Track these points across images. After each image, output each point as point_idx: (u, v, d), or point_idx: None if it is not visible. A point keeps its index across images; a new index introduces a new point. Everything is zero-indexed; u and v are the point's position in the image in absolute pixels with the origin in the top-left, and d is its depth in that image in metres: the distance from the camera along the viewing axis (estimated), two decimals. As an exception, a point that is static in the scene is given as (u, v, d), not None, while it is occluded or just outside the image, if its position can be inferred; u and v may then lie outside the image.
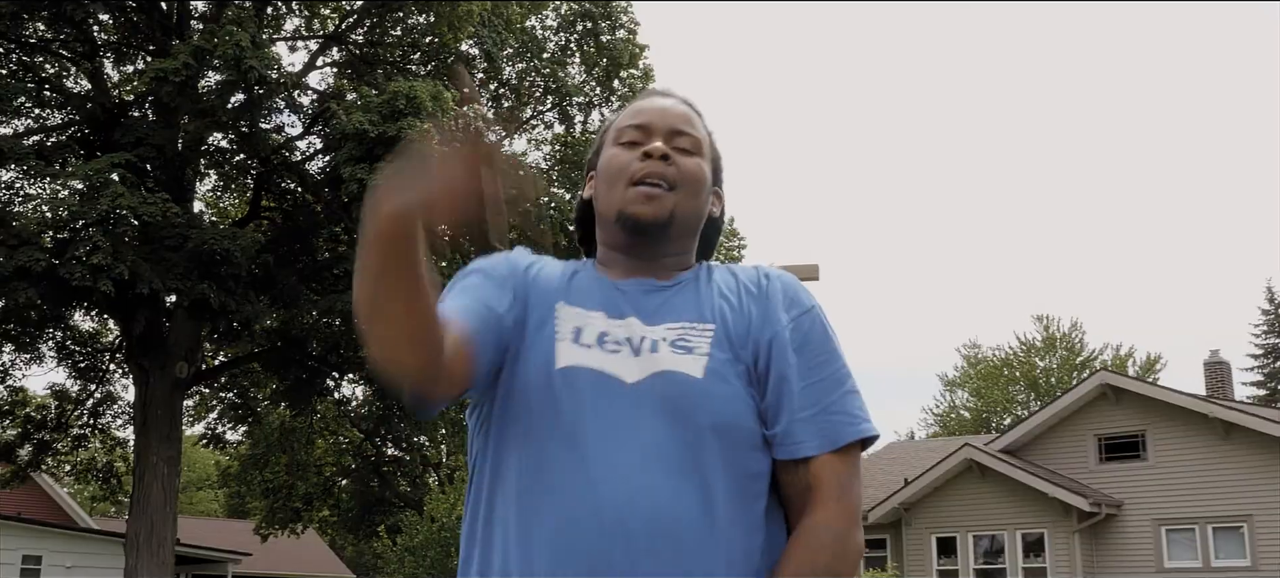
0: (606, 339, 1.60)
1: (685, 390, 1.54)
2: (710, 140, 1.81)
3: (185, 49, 15.88)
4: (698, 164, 1.73)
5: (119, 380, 23.51)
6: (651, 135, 1.71)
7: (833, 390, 1.60)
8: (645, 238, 1.68)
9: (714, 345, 1.59)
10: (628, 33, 21.10)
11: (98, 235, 15.04)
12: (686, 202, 1.69)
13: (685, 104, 1.81)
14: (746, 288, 1.69)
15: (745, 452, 1.56)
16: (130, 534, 18.47)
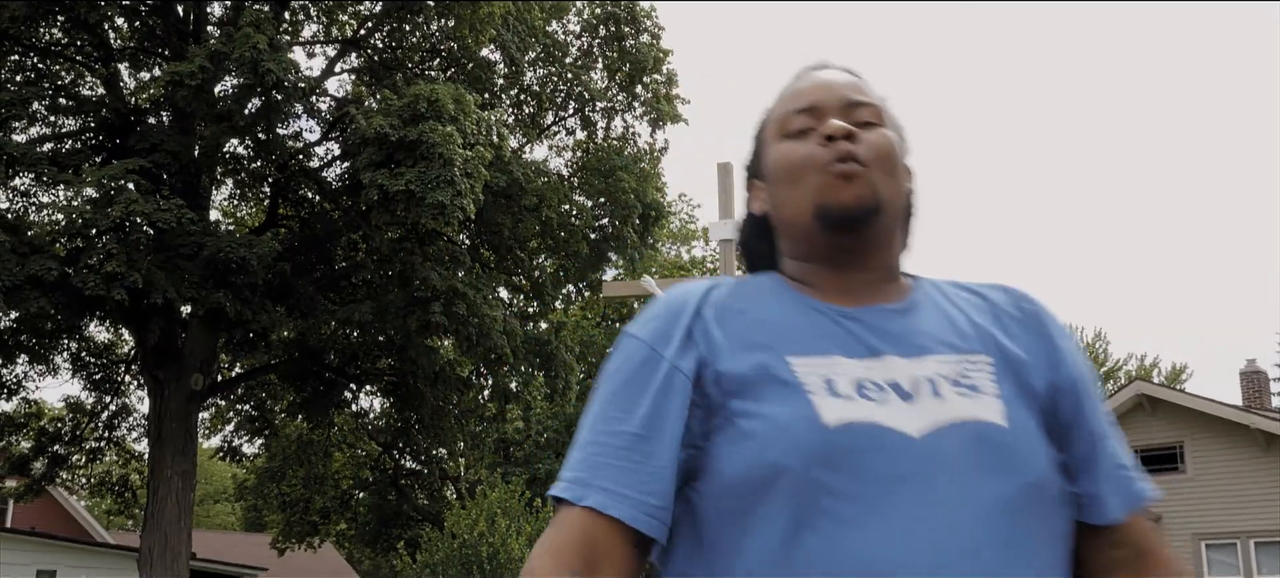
0: (866, 387, 1.25)
1: (996, 445, 1.23)
2: (890, 111, 1.47)
3: (201, 52, 15.55)
4: (886, 135, 1.40)
5: (134, 393, 23.29)
6: (824, 115, 1.40)
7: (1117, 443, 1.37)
8: (854, 234, 1.35)
9: (999, 383, 1.29)
10: (651, 37, 20.70)
11: (111, 243, 14.72)
12: (887, 182, 1.37)
13: (850, 73, 1.49)
14: (1004, 310, 1.40)
15: (1059, 516, 1.27)
16: (144, 549, 18.16)
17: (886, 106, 1.46)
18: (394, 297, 17.88)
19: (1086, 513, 1.30)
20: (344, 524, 34.67)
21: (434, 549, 19.62)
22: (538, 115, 21.22)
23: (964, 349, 1.31)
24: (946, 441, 1.21)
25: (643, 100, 21.32)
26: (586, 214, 21.07)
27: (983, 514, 1.18)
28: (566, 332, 22.21)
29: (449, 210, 14.54)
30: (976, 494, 1.19)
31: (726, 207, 11.39)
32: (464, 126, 15.09)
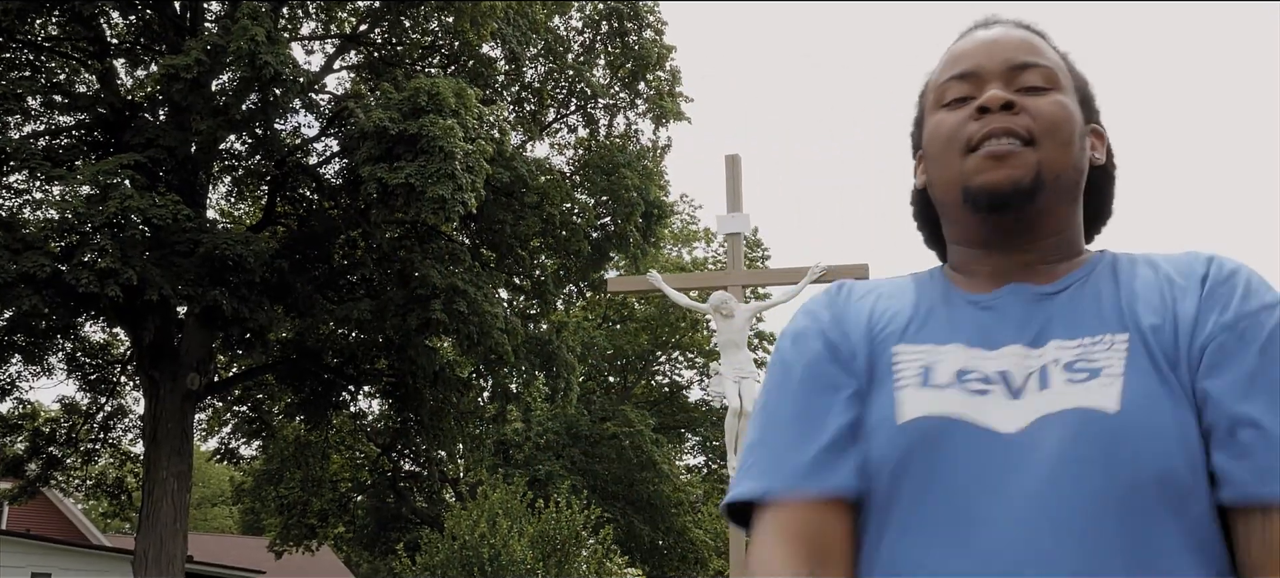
0: (968, 376, 1.16)
1: (1096, 434, 1.08)
2: (1067, 64, 1.32)
3: (198, 45, 15.29)
4: (1057, 101, 1.25)
5: (130, 393, 23.08)
6: (984, 82, 1.26)
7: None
8: (1008, 215, 1.23)
9: (1130, 363, 1.12)
10: (655, 33, 20.45)
11: (106, 239, 14.45)
12: (1054, 155, 1.22)
13: (1021, 28, 1.32)
14: (1170, 278, 1.21)
15: (1198, 512, 1.07)
16: (139, 552, 17.95)
17: (1064, 66, 1.31)
18: (393, 295, 17.62)
19: (1220, 491, 1.08)
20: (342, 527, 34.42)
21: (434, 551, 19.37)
22: (539, 112, 20.97)
23: (1100, 331, 1.16)
24: (1043, 435, 1.09)
25: (645, 97, 21.07)
26: (589, 212, 20.82)
27: (1066, 516, 1.05)
28: (567, 332, 21.93)
29: (450, 205, 14.26)
30: (1063, 494, 1.06)
31: (735, 199, 11.10)
32: (465, 121, 14.83)
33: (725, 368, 10.53)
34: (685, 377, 41.42)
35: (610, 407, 34.86)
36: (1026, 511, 1.07)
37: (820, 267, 10.67)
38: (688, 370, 41.01)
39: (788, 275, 11.33)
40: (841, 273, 10.88)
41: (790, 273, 11.26)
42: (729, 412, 10.43)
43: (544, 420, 31.95)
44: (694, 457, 44.17)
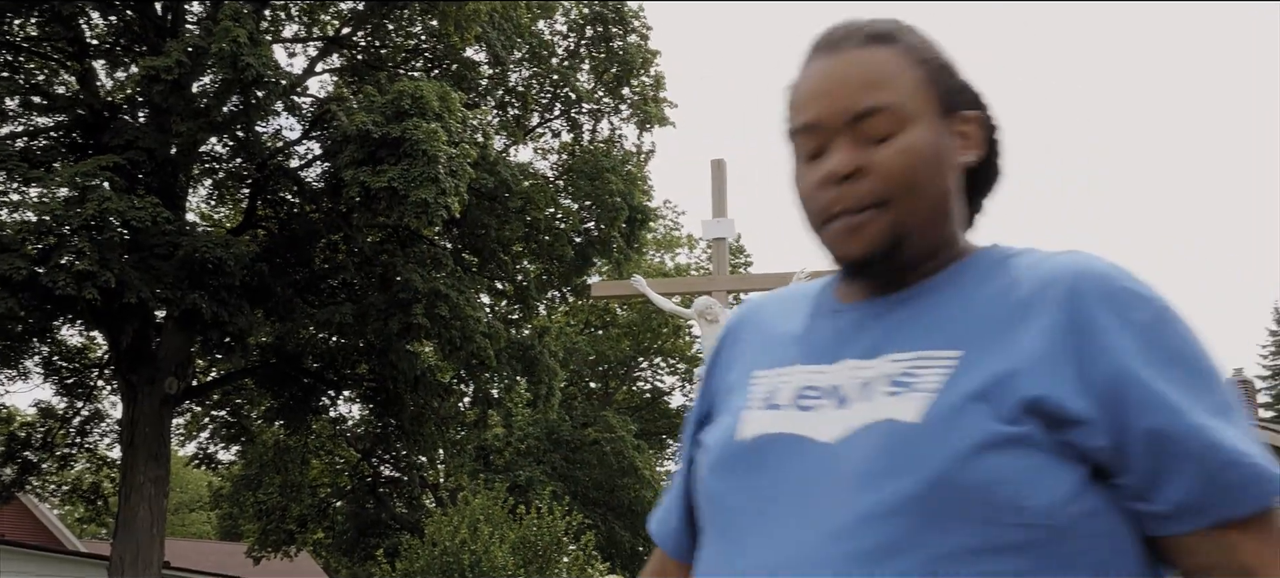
0: (807, 393, 1.18)
1: (896, 444, 1.08)
2: (924, 56, 1.23)
3: (179, 47, 15.16)
4: (904, 149, 1.17)
5: (108, 398, 22.88)
6: (825, 137, 1.19)
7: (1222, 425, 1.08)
8: (873, 272, 1.21)
9: (950, 380, 1.09)
10: (639, 38, 20.41)
11: (83, 242, 14.29)
12: (908, 209, 1.18)
13: (860, 49, 1.21)
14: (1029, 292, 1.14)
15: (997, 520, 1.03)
16: (115, 557, 17.79)
17: (912, 85, 1.20)
18: (375, 299, 17.50)
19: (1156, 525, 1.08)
20: (321, 533, 34.24)
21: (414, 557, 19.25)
22: (523, 117, 20.90)
23: (933, 346, 1.14)
24: (855, 445, 1.10)
25: (630, 102, 21.03)
26: (572, 217, 20.76)
27: (850, 520, 1.06)
28: (550, 337, 21.84)
29: (433, 209, 14.16)
30: (855, 499, 1.07)
31: (720, 205, 11.05)
32: (449, 124, 14.75)
33: (710, 374, 10.44)
34: (667, 383, 41.44)
35: (592, 412, 34.82)
36: (818, 515, 1.09)
37: (805, 272, 10.61)
38: (670, 376, 41.02)
39: (772, 280, 11.27)
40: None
41: (775, 278, 11.20)
42: (713, 418, 10.34)
43: (525, 426, 31.84)
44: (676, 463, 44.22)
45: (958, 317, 1.16)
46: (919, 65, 1.22)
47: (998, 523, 1.04)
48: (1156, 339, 1.10)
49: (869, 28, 1.23)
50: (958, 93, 1.24)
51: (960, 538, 1.04)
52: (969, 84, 1.26)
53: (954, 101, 1.23)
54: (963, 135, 1.24)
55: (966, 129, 1.24)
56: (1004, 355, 1.10)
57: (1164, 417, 1.06)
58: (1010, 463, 1.05)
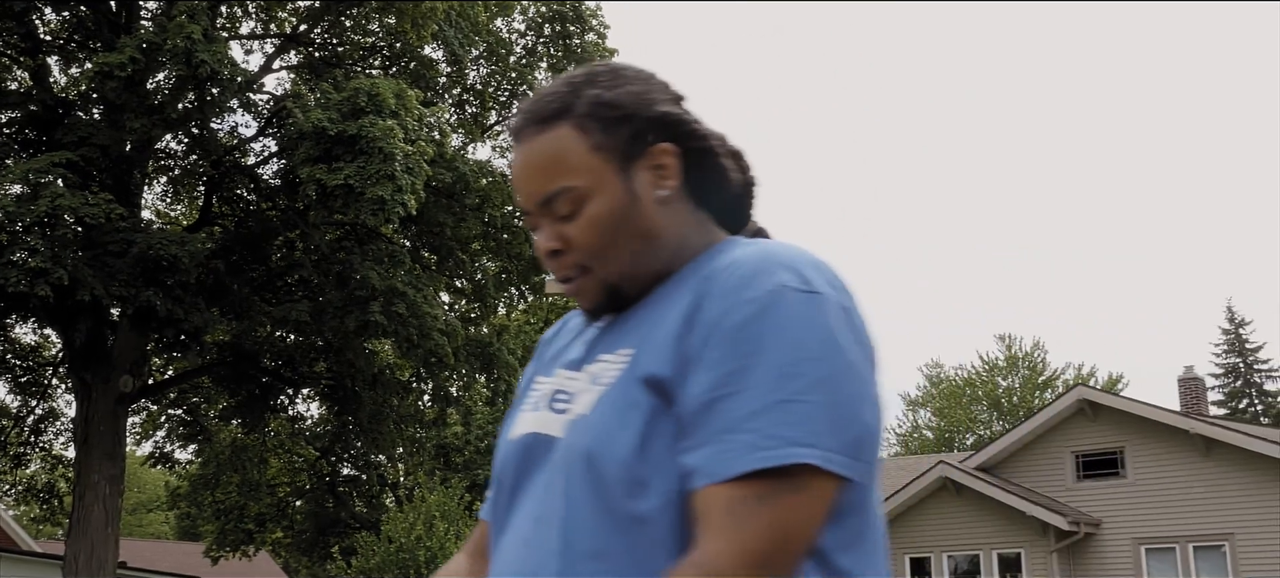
0: (558, 396, 1.35)
1: (573, 435, 1.27)
2: (594, 137, 1.33)
3: (132, 43, 15.06)
4: (587, 223, 1.32)
5: (62, 396, 22.69)
6: (533, 219, 1.37)
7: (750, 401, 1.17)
8: (605, 313, 1.38)
9: (624, 377, 1.26)
10: (597, 36, 20.49)
11: (36, 238, 14.18)
12: (609, 265, 1.33)
13: (535, 136, 1.34)
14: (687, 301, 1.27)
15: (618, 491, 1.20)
16: (69, 556, 17.63)
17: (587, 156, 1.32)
18: (332, 296, 17.46)
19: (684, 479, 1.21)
20: (279, 532, 34.05)
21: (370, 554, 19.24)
22: (481, 114, 20.90)
23: (613, 346, 1.31)
24: (567, 437, 1.26)
25: (588, 100, 21.12)
26: (531, 218, 20.82)
27: (555, 500, 1.24)
28: (509, 335, 21.88)
29: (390, 206, 14.17)
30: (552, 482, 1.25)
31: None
32: (405, 122, 14.74)
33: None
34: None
35: (551, 410, 34.83)
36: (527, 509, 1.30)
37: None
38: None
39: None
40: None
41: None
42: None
43: (484, 423, 31.79)
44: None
45: (645, 321, 1.30)
46: (591, 133, 1.32)
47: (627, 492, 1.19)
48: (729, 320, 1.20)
49: (540, 110, 1.34)
50: (640, 137, 1.33)
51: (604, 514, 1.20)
52: (656, 117, 1.35)
53: (635, 149, 1.33)
54: (657, 169, 1.34)
55: (660, 163, 1.34)
56: (650, 345, 1.26)
57: (693, 387, 1.19)
58: (633, 442, 1.20)
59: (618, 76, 1.36)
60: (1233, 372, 49.67)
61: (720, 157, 1.42)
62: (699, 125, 1.41)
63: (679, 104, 1.41)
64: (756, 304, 1.19)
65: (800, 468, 1.14)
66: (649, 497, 1.19)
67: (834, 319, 1.22)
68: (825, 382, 1.17)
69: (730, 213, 1.44)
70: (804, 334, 1.18)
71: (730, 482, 1.14)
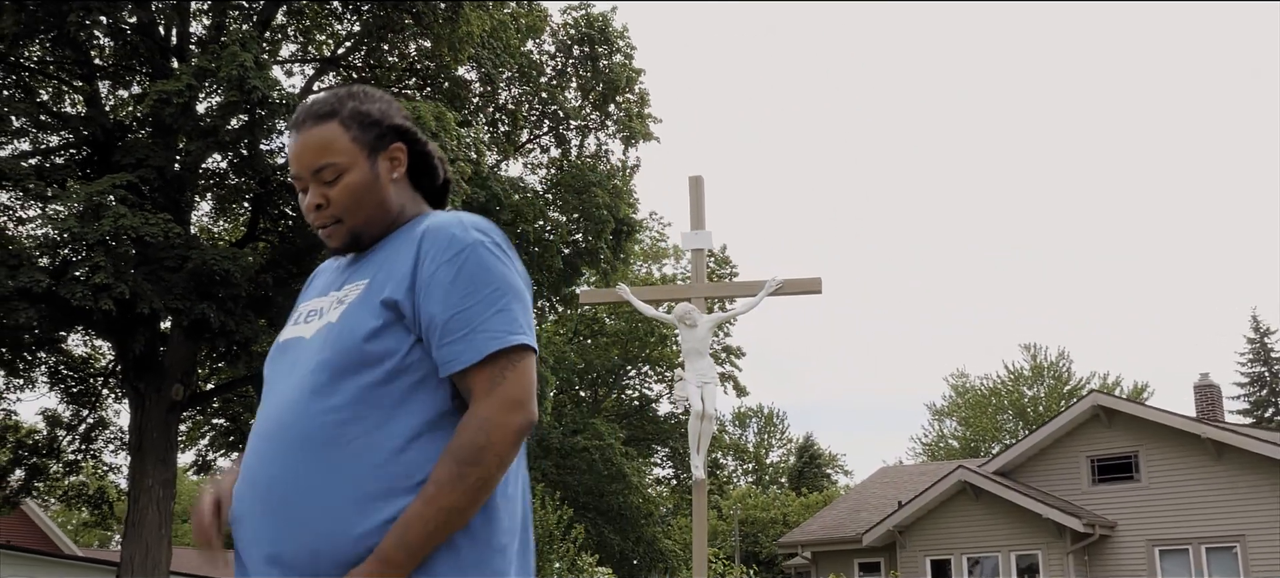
0: (310, 314, 2.05)
1: (327, 333, 1.94)
2: (352, 132, 2.05)
3: (187, 71, 15.93)
4: (344, 187, 2.03)
5: (111, 406, 23.45)
6: (303, 183, 2.05)
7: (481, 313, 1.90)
8: (347, 252, 2.10)
9: (363, 297, 1.96)
10: (624, 57, 21.23)
11: (100, 255, 15.03)
12: (355, 218, 2.04)
13: (313, 127, 2.05)
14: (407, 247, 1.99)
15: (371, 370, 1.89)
16: (124, 558, 18.37)
17: (348, 141, 2.04)
18: (373, 309, 18.19)
19: (439, 368, 1.90)
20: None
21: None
22: (513, 133, 21.67)
23: (353, 279, 2.01)
24: (316, 338, 1.95)
25: (615, 119, 21.83)
26: (561, 229, 21.51)
27: (308, 374, 1.89)
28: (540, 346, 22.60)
29: (430, 224, 14.93)
30: (309, 365, 1.91)
31: (698, 218, 11.89)
32: (444, 143, 15.53)
33: (689, 374, 11.30)
34: (654, 390, 42.14)
35: (581, 420, 35.53)
36: (297, 377, 1.93)
37: (776, 280, 11.50)
38: (657, 384, 41.72)
39: (747, 288, 12.18)
40: (796, 287, 11.72)
41: (749, 286, 12.11)
42: (692, 414, 11.19)
43: (517, 433, 32.42)
44: (663, 468, 44.71)
45: (376, 262, 2.00)
46: (350, 129, 2.04)
47: (372, 366, 1.87)
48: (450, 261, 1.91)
49: (316, 110, 2.05)
50: (383, 137, 2.06)
51: (355, 377, 1.86)
52: (394, 126, 2.08)
53: (380, 144, 2.06)
54: (392, 159, 2.07)
55: (394, 156, 2.08)
56: (384, 278, 1.95)
57: (435, 307, 1.89)
58: (376, 335, 1.89)
59: (369, 96, 2.10)
60: (1258, 380, 49.81)
61: (433, 159, 2.17)
62: (421, 137, 2.16)
63: (409, 121, 2.13)
64: (464, 253, 1.91)
65: (520, 346, 1.89)
66: (378, 370, 1.87)
67: (498, 256, 1.95)
68: (509, 293, 1.92)
69: (435, 196, 2.21)
70: (491, 267, 1.93)
71: (483, 361, 1.86)
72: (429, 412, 1.88)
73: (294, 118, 2.08)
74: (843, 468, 60.14)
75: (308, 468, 1.83)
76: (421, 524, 1.78)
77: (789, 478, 58.41)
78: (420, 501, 1.79)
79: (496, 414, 1.84)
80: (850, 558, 26.20)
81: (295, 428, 1.86)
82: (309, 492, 1.82)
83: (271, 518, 1.84)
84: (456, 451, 1.82)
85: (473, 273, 1.91)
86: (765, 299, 11.48)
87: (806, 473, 56.92)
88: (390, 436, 1.84)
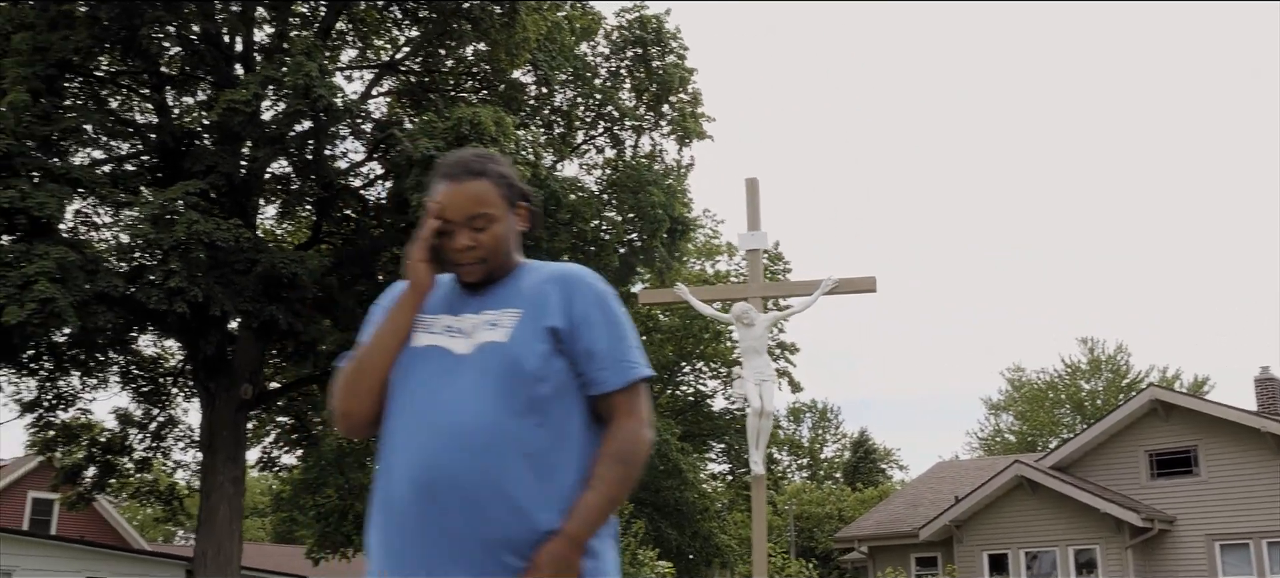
0: (450, 327, 2.35)
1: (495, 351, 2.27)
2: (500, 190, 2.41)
3: (254, 80, 16.40)
4: (491, 235, 2.37)
5: (180, 404, 24.04)
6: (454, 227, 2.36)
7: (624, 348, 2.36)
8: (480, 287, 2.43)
9: (520, 323, 2.31)
10: (677, 57, 21.44)
11: (174, 260, 15.53)
12: (494, 262, 2.39)
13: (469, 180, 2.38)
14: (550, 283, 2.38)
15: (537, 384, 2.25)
16: (197, 553, 18.90)
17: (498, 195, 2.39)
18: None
19: (588, 388, 2.31)
20: (377, 535, 35.35)
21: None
22: (568, 134, 21.96)
23: (494, 307, 2.35)
24: (478, 354, 2.27)
25: (669, 118, 22.03)
26: (617, 229, 21.75)
27: (485, 384, 2.22)
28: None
29: (491, 227, 15.33)
30: (480, 378, 2.23)
31: (754, 219, 12.10)
32: (505, 147, 15.88)
33: (747, 372, 11.53)
34: (709, 387, 42.28)
35: (637, 416, 35.65)
36: (463, 388, 2.22)
37: (832, 279, 11.69)
38: (712, 380, 41.87)
39: (803, 287, 12.36)
40: (851, 286, 11.90)
41: (805, 285, 12.30)
42: (750, 411, 11.41)
43: (576, 429, 32.71)
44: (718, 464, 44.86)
45: (513, 294, 2.35)
46: (499, 187, 2.39)
47: (542, 382, 2.23)
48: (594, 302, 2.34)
49: (471, 167, 2.39)
50: (518, 196, 2.43)
51: (530, 389, 2.22)
52: (522, 190, 2.46)
53: (515, 200, 2.42)
54: (520, 215, 2.45)
55: (521, 212, 2.45)
56: (538, 310, 2.31)
57: (590, 340, 2.30)
58: (546, 357, 2.26)
59: (503, 160, 2.47)
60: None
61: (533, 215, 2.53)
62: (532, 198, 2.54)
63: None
64: (605, 296, 2.37)
65: (649, 377, 2.37)
66: (546, 386, 2.24)
67: (620, 303, 2.40)
68: (635, 334, 2.39)
69: (528, 244, 2.57)
70: (622, 312, 2.39)
71: (628, 387, 2.32)
72: (579, 422, 2.29)
73: (447, 169, 2.42)
74: (898, 463, 60.02)
75: (496, 468, 2.17)
76: (597, 513, 2.22)
77: (844, 473, 58.37)
78: (593, 493, 2.23)
79: (639, 429, 2.31)
80: (907, 553, 26.28)
81: (480, 434, 2.18)
82: (498, 488, 2.16)
83: (463, 511, 2.16)
84: (615, 454, 2.27)
85: (614, 315, 2.37)
86: (821, 298, 11.67)
87: (861, 468, 56.86)
88: (557, 440, 2.23)
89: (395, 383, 2.32)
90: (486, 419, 2.18)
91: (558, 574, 2.15)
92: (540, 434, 2.21)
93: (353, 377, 2.35)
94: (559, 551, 2.16)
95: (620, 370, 2.31)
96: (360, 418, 2.36)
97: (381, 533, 2.25)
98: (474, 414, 2.19)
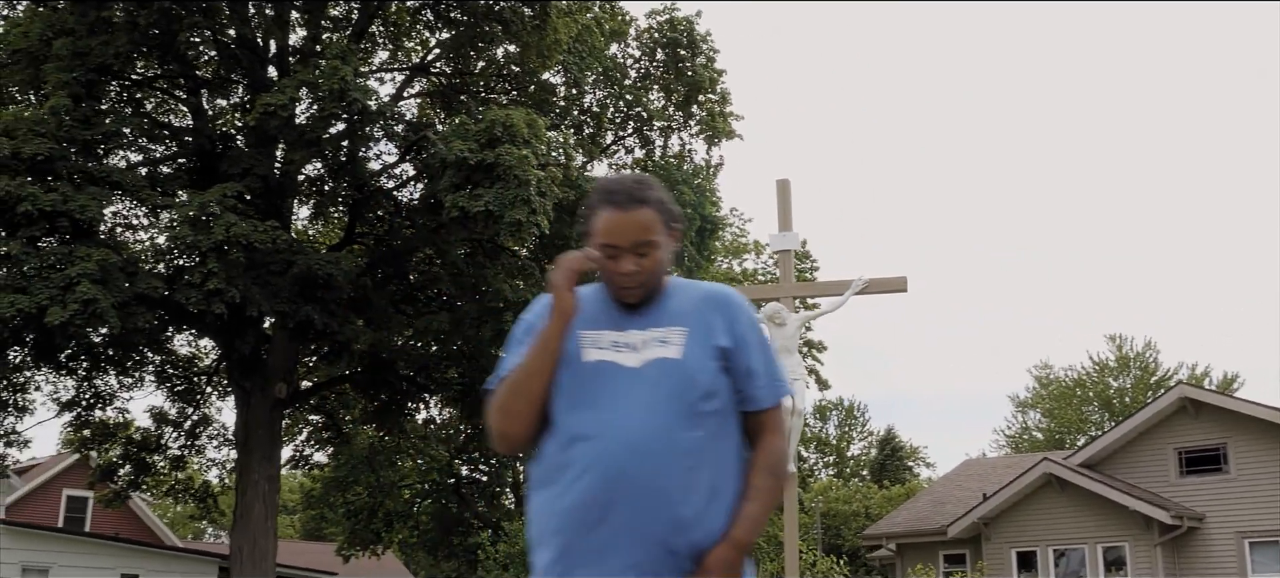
0: (618, 343, 2.48)
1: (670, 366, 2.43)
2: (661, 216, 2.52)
3: (290, 84, 16.63)
4: (653, 261, 2.48)
5: (214, 403, 24.30)
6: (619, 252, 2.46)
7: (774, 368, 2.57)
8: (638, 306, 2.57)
9: (687, 339, 2.47)
10: (707, 58, 21.55)
11: (213, 261, 15.77)
12: (652, 282, 2.50)
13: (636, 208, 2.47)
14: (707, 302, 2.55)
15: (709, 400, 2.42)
16: (233, 549, 19.16)
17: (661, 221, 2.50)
18: (467, 307, 18.83)
19: (744, 404, 2.50)
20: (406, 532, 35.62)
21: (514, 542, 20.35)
22: (598, 134, 22.11)
23: (668, 323, 2.49)
24: (649, 368, 2.42)
25: (698, 119, 22.14)
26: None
27: (666, 400, 2.38)
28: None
29: (525, 227, 15.58)
30: (656, 391, 2.39)
31: (785, 220, 12.18)
32: (536, 148, 16.08)
33: (778, 372, 11.59)
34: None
35: (667, 413, 35.71)
36: (638, 400, 2.37)
37: (862, 279, 11.76)
38: (739, 378, 41.87)
39: (834, 287, 12.44)
40: (881, 286, 11.98)
41: (836, 285, 12.37)
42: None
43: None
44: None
45: (675, 313, 2.50)
46: (660, 215, 2.49)
47: (713, 398, 2.41)
48: (750, 324, 2.54)
49: (638, 194, 2.48)
50: (674, 220, 2.55)
51: (705, 403, 2.39)
52: (678, 215, 2.58)
53: (671, 224, 2.54)
54: (674, 236, 2.57)
55: (675, 233, 2.57)
56: (704, 330, 2.48)
57: (750, 359, 2.50)
58: (717, 374, 2.44)
59: (662, 189, 2.57)
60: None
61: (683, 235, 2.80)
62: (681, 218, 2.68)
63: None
64: (755, 318, 2.57)
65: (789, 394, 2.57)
66: (715, 401, 2.42)
67: None
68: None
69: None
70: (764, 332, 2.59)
71: (777, 405, 2.52)
72: (737, 436, 2.49)
73: (613, 195, 2.50)
74: (925, 460, 59.86)
75: (670, 476, 2.34)
76: (756, 522, 2.41)
77: (870, 471, 58.31)
78: (753, 503, 2.42)
79: (784, 445, 2.53)
80: (935, 550, 26.32)
81: (657, 442, 2.34)
82: (672, 495, 2.34)
83: (641, 515, 2.32)
84: (771, 467, 2.48)
85: (764, 337, 2.59)
86: (852, 298, 11.75)
87: (888, 466, 56.78)
88: (727, 453, 2.44)
89: (571, 395, 2.43)
90: (661, 429, 2.34)
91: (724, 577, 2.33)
92: (708, 445, 2.38)
93: (509, 398, 2.46)
94: (727, 556, 2.35)
95: (774, 389, 2.51)
96: (519, 437, 2.48)
97: (561, 536, 2.38)
98: (650, 425, 2.34)
